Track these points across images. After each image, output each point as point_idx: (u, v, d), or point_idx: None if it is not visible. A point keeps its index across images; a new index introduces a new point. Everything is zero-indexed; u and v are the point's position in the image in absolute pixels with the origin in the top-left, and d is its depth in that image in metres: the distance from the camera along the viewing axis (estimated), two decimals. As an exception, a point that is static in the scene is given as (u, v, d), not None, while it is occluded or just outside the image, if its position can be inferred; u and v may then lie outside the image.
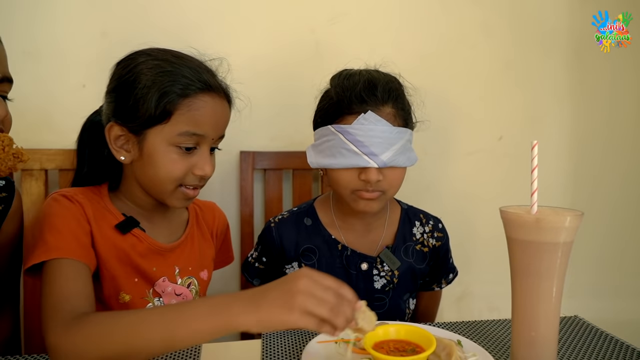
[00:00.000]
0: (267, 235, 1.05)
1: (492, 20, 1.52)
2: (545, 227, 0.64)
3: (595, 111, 1.62)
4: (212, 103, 0.84)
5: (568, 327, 0.88)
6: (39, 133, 1.26)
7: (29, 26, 1.25)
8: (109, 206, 0.87)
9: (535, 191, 0.68)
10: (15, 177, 1.22)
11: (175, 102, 0.80)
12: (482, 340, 0.82)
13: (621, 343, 0.81)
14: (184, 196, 0.85)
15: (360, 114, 0.90)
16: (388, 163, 0.90)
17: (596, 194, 1.65)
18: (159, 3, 1.32)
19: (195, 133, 0.81)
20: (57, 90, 1.28)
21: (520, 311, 0.68)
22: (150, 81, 0.80)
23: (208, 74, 0.85)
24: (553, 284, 0.66)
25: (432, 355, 0.71)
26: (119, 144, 0.84)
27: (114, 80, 0.85)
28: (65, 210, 0.80)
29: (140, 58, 0.84)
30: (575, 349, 0.79)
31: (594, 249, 1.65)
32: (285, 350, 0.77)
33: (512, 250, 0.68)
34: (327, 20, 1.43)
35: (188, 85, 0.81)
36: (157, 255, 0.89)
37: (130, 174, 0.87)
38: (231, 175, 1.39)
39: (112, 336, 0.64)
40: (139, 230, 0.87)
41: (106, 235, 0.83)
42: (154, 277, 0.88)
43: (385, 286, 1.01)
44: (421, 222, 1.08)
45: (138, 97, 0.80)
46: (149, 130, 0.81)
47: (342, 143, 0.91)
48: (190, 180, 0.84)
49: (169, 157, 0.81)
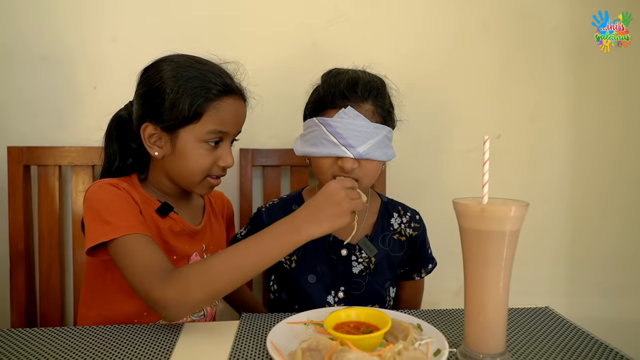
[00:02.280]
0: (257, 218, 1.14)
1: (490, 19, 1.54)
2: (489, 216, 0.68)
3: (598, 109, 1.60)
4: (234, 104, 0.96)
5: (537, 318, 0.91)
6: (53, 132, 1.37)
7: (46, 33, 1.36)
8: (144, 193, 0.98)
9: (486, 183, 0.71)
10: (32, 172, 1.33)
11: (204, 105, 0.92)
12: (448, 326, 0.85)
13: (588, 336, 0.82)
14: (209, 185, 0.99)
15: (341, 109, 0.98)
16: (364, 155, 0.98)
17: (599, 194, 1.63)
18: (163, 11, 1.40)
19: (221, 131, 0.94)
20: (69, 92, 1.38)
21: (470, 297, 0.72)
22: (182, 86, 0.91)
23: (228, 78, 0.97)
24: (500, 271, 0.70)
25: (390, 337, 0.76)
26: (152, 141, 0.95)
27: (144, 86, 0.95)
28: (115, 195, 0.91)
29: (165, 65, 0.94)
30: (539, 338, 0.82)
31: (597, 248, 1.64)
32: (259, 330, 0.82)
33: (462, 239, 0.72)
34: (325, 22, 1.48)
35: (218, 90, 0.93)
36: (188, 236, 1.02)
37: (160, 166, 0.99)
38: (233, 171, 1.46)
39: (215, 275, 0.78)
40: (174, 214, 0.99)
41: (150, 216, 0.95)
42: (188, 253, 1.01)
43: (362, 271, 1.08)
44: (399, 214, 1.15)
45: (172, 101, 0.91)
46: (182, 129, 0.93)
47: (323, 134, 0.99)
48: (215, 171, 0.97)
49: (199, 152, 0.94)
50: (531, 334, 0.83)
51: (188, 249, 1.01)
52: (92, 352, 0.73)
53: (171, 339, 0.79)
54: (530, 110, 1.59)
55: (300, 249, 1.09)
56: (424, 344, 0.73)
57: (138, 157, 1.01)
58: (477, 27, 1.54)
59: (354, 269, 1.08)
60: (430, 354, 0.70)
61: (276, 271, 1.14)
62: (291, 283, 1.09)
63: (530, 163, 1.61)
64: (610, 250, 1.65)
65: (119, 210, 0.88)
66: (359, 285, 1.09)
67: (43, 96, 1.37)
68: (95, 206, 0.88)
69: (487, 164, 0.72)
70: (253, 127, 1.46)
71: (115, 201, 0.89)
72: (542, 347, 0.78)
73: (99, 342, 0.77)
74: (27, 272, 1.30)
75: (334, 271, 1.08)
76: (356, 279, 1.08)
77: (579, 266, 1.65)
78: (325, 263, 1.08)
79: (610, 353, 0.75)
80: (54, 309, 1.32)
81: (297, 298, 1.09)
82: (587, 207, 1.64)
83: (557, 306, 1.61)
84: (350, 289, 1.08)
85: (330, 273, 1.08)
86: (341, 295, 1.08)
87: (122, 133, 1.01)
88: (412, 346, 0.69)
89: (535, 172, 1.61)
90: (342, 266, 1.08)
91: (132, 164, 1.02)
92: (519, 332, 0.84)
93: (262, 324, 0.85)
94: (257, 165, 1.44)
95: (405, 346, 0.67)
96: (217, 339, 0.79)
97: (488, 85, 1.57)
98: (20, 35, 1.36)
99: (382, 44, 1.50)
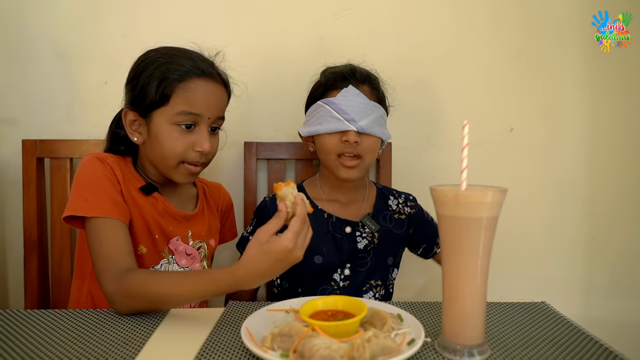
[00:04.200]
0: (263, 209, 1.19)
1: (501, 10, 1.50)
2: (463, 201, 0.66)
3: (615, 102, 1.53)
4: (205, 86, 0.96)
5: (531, 312, 0.87)
6: (64, 125, 1.42)
7: (60, 31, 1.42)
8: (133, 172, 1.01)
9: (464, 169, 0.69)
10: (45, 164, 1.38)
11: (172, 86, 0.93)
12: (433, 318, 0.83)
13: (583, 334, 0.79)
14: (187, 171, 0.99)
15: (343, 88, 1.09)
16: (365, 129, 1.07)
17: (615, 190, 1.56)
18: (172, 6, 1.43)
19: (191, 112, 0.94)
20: (81, 87, 1.43)
21: (447, 286, 0.70)
22: (153, 70, 0.94)
23: (204, 63, 0.98)
24: (477, 260, 0.67)
25: (369, 325, 0.75)
26: (133, 128, 0.99)
27: (129, 73, 1.00)
28: (99, 171, 0.95)
29: (150, 54, 0.98)
30: (526, 333, 0.78)
31: (614, 246, 1.57)
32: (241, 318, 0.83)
33: (440, 226, 0.70)
34: (331, 15, 1.48)
35: (185, 72, 0.94)
36: (173, 219, 1.03)
37: (144, 154, 1.02)
38: (237, 164, 1.48)
39: (153, 291, 0.81)
40: (158, 194, 1.02)
41: (131, 195, 0.98)
42: (170, 235, 1.03)
43: (367, 246, 1.15)
44: (394, 196, 1.25)
45: (143, 85, 0.94)
46: (154, 113, 0.95)
47: (328, 112, 1.09)
48: (192, 157, 0.97)
49: (171, 136, 0.95)
50: (520, 329, 0.80)
51: (172, 231, 1.03)
52: (75, 335, 0.76)
53: (153, 323, 0.80)
54: (544, 103, 1.54)
55: None
56: (400, 333, 0.72)
57: (128, 145, 1.04)
58: (488, 18, 1.50)
59: (359, 244, 1.14)
60: (405, 344, 0.68)
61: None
62: (298, 267, 1.10)
63: (543, 157, 1.55)
64: (628, 248, 1.57)
65: (98, 189, 0.91)
66: (364, 260, 1.14)
67: (56, 91, 1.42)
68: (79, 178, 0.94)
69: (466, 150, 0.70)
70: (259, 120, 1.49)
71: (97, 178, 0.93)
72: (527, 341, 0.75)
73: (82, 325, 0.80)
74: (40, 260, 1.35)
75: (340, 249, 1.13)
76: (361, 254, 1.14)
77: (594, 265, 1.58)
78: (330, 242, 1.13)
79: (604, 352, 0.71)
80: (64, 295, 1.37)
81: (301, 282, 1.14)
82: (602, 204, 1.57)
83: (572, 305, 1.57)
84: (356, 265, 1.14)
85: (336, 251, 1.13)
86: (347, 272, 1.13)
87: (120, 124, 1.04)
88: (384, 334, 0.67)
89: (549, 167, 1.56)
90: (347, 243, 1.14)
91: (123, 150, 1.05)
92: (508, 326, 0.81)
93: (246, 312, 0.86)
94: (262, 158, 1.45)
95: (375, 333, 0.65)
96: (198, 325, 0.80)
97: (500, 78, 1.53)
98: (35, 33, 1.41)
99: (390, 36, 1.49)
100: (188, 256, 1.05)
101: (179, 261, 1.04)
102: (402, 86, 1.32)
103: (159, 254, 1.01)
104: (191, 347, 0.71)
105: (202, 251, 1.09)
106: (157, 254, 1.01)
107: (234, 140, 1.43)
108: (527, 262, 1.56)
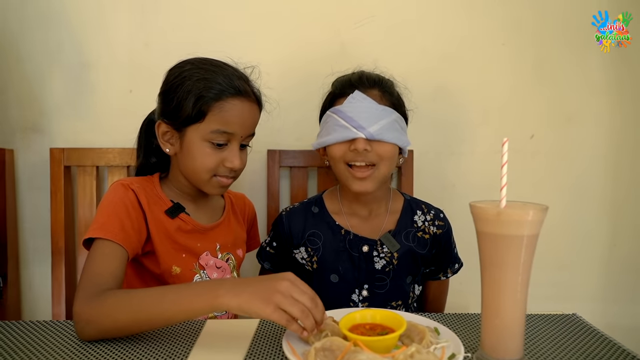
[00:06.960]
0: (278, 223, 1.17)
1: (521, 18, 1.50)
2: (506, 220, 0.66)
3: (636, 108, 1.54)
4: (241, 106, 0.97)
5: (563, 325, 0.88)
6: (90, 134, 1.44)
7: (85, 40, 1.43)
8: (160, 194, 1.02)
9: (504, 186, 0.70)
10: (72, 172, 1.40)
11: (209, 104, 0.94)
12: (469, 331, 0.84)
13: (615, 345, 0.79)
14: (219, 184, 1.00)
15: (350, 95, 1.04)
16: (375, 135, 1.01)
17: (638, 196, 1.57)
18: (193, 16, 1.45)
19: (225, 131, 0.96)
20: (107, 96, 1.45)
21: (487, 301, 0.71)
22: (190, 87, 0.95)
23: (240, 81, 0.98)
24: (517, 276, 0.68)
25: (406, 339, 0.76)
26: (165, 139, 1.00)
27: (164, 85, 1.01)
28: (118, 197, 0.95)
29: (186, 66, 0.99)
30: (561, 346, 0.79)
31: (634, 253, 1.57)
32: (276, 331, 0.84)
33: (479, 243, 0.71)
34: (354, 23, 1.49)
35: (221, 91, 0.95)
36: (200, 234, 1.04)
37: (176, 164, 1.03)
38: (261, 172, 1.49)
39: (123, 311, 0.76)
40: (184, 215, 1.02)
41: (157, 218, 0.98)
42: (199, 251, 1.03)
43: (385, 267, 1.09)
44: (423, 212, 1.15)
45: (180, 100, 0.95)
46: (188, 128, 0.96)
47: (335, 121, 1.04)
48: (222, 171, 0.99)
49: (203, 151, 0.96)
50: (554, 342, 0.81)
51: (200, 247, 1.04)
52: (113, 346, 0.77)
53: (192, 335, 0.82)
54: (566, 110, 1.54)
55: (320, 250, 1.10)
56: (439, 347, 0.73)
57: (160, 156, 1.05)
58: (510, 25, 1.51)
59: (377, 264, 1.08)
60: (445, 358, 0.69)
61: (298, 274, 1.15)
62: (314, 285, 1.10)
63: (565, 165, 1.56)
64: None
65: (111, 214, 0.91)
66: (384, 282, 1.09)
67: (83, 100, 1.44)
68: (100, 204, 0.95)
69: (506, 167, 0.70)
70: (281, 129, 1.49)
71: (113, 204, 0.93)
72: (564, 356, 0.76)
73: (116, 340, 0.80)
74: (67, 267, 1.37)
75: (357, 268, 1.09)
76: (379, 275, 1.09)
77: (618, 272, 1.58)
78: (347, 261, 1.09)
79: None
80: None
81: (320, 299, 1.09)
82: (626, 211, 1.57)
83: (595, 313, 1.57)
84: (374, 287, 1.09)
85: (352, 271, 1.08)
86: (365, 293, 1.09)
87: (150, 133, 1.05)
88: (426, 349, 0.68)
89: (570, 174, 1.56)
90: (364, 263, 1.08)
91: (156, 162, 1.06)
92: (541, 339, 0.82)
93: (280, 326, 0.86)
94: (284, 166, 1.46)
95: (418, 349, 0.67)
96: (236, 337, 0.81)
97: (521, 84, 1.53)
98: (62, 44, 1.43)
99: (413, 45, 1.49)
100: (218, 269, 1.06)
101: (211, 275, 1.05)
102: (422, 93, 1.33)
103: (191, 271, 1.02)
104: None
105: (231, 262, 1.10)
106: (189, 272, 1.01)
107: (256, 149, 1.44)
108: (548, 269, 1.56)
